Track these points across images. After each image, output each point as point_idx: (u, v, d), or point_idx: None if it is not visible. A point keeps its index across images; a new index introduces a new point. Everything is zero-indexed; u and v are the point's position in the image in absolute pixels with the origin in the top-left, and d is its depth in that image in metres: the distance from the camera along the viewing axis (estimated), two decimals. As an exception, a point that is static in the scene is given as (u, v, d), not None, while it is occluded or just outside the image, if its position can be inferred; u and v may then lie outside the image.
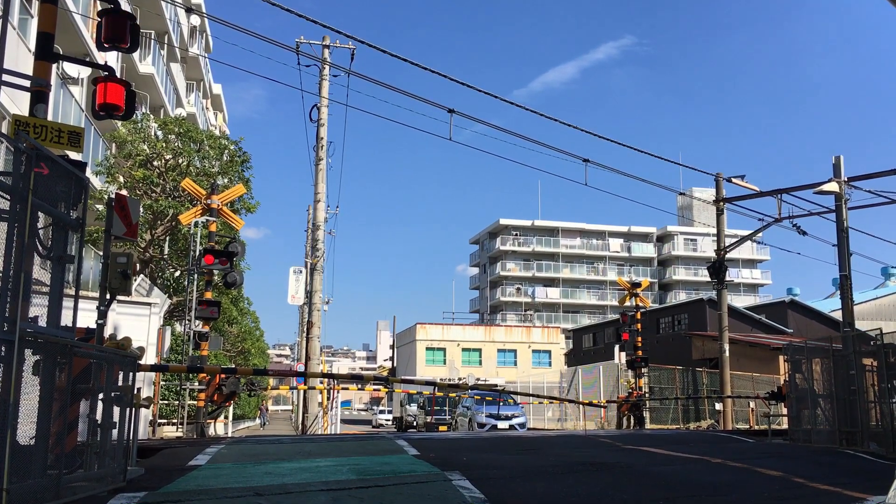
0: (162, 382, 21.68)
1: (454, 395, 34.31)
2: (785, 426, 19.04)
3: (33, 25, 18.86)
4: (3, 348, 5.42)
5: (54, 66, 9.29)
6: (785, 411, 19.18)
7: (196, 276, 20.23)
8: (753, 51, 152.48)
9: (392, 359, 69.33)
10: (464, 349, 65.25)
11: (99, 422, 7.28)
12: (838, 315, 30.15)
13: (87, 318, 8.66)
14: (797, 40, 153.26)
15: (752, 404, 29.11)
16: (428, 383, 22.48)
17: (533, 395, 32.92)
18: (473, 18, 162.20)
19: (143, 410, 11.20)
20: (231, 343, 36.40)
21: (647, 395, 28.70)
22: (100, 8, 9.40)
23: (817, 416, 16.68)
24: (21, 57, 17.11)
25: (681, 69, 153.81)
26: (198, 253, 18.86)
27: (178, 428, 22.26)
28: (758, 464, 11.27)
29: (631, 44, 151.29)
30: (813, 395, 16.70)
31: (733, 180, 25.81)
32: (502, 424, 26.49)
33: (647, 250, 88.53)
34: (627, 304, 27.64)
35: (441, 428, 32.84)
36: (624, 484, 8.87)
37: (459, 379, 47.21)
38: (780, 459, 12.43)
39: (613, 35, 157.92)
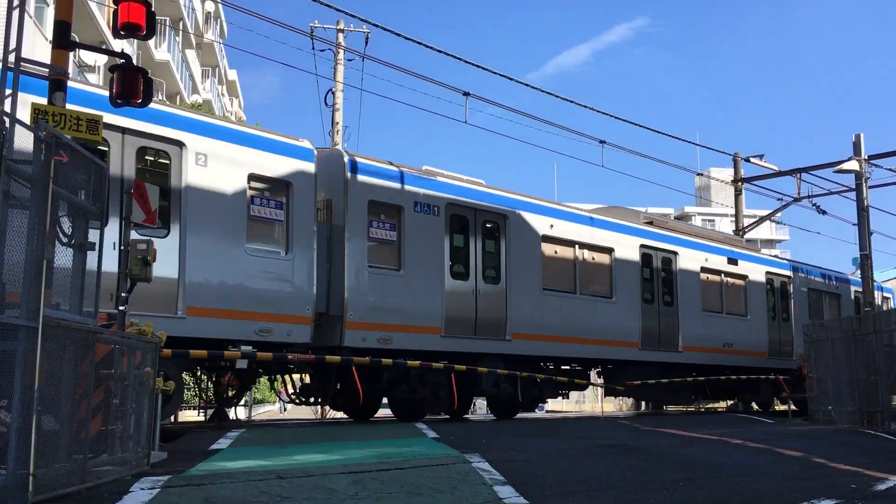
0: (183, 367, 21.80)
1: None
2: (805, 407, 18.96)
3: (50, 14, 18.94)
4: (26, 335, 5.48)
5: (71, 54, 9.31)
6: (806, 392, 19.10)
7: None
8: (769, 29, 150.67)
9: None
10: (482, 332, 65.20)
11: (122, 407, 7.36)
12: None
13: (108, 304, 8.73)
14: (814, 16, 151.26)
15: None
16: (445, 367, 22.37)
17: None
18: (485, 1, 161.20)
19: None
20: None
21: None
22: (115, -5, 9.39)
23: (838, 397, 16.61)
24: (38, 45, 17.20)
25: (696, 49, 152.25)
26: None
27: (199, 412, 22.46)
28: (778, 444, 11.25)
29: (645, 25, 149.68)
30: (834, 375, 16.62)
31: (752, 160, 25.59)
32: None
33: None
34: (645, 285, 27.53)
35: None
36: (644, 465, 8.88)
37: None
38: (801, 440, 12.39)
39: (627, 16, 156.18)
